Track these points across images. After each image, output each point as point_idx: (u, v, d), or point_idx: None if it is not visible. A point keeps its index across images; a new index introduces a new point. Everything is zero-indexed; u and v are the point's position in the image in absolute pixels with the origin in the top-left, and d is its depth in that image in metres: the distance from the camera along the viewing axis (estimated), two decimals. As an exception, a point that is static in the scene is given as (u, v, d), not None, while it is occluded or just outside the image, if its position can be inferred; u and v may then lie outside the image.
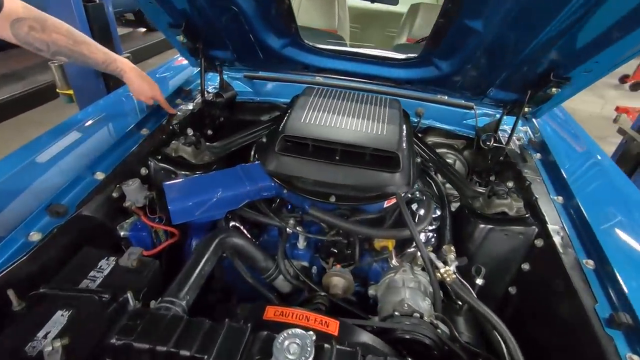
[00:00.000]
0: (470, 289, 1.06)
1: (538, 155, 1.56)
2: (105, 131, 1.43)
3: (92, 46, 1.29)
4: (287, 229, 1.21)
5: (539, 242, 1.18)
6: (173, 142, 1.43)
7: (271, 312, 0.84)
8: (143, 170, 1.32)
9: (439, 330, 0.96)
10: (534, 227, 1.21)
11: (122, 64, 1.38)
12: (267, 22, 1.34)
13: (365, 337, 0.85)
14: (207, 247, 1.03)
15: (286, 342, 0.65)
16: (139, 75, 1.43)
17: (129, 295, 0.91)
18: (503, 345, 0.93)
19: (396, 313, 0.97)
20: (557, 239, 1.13)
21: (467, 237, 1.32)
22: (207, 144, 1.49)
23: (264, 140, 1.48)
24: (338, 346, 0.69)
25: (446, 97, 1.76)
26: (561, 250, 1.09)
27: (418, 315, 0.97)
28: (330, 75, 1.75)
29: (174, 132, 1.50)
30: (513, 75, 1.34)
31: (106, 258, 1.06)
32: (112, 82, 2.87)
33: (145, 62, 6.30)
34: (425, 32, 3.50)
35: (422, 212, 1.28)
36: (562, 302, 1.02)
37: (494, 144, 1.51)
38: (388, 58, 1.53)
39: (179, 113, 1.61)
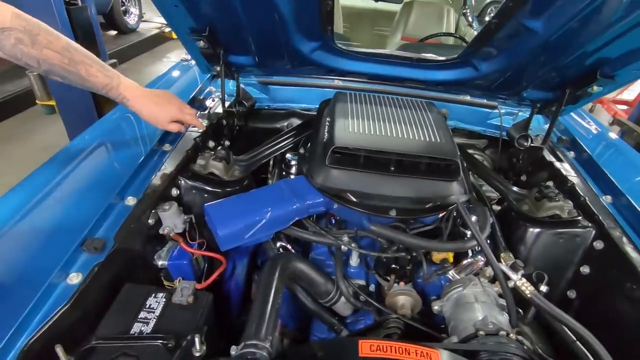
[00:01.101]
0: (546, 301, 1.02)
1: (572, 153, 1.55)
2: (124, 151, 1.29)
3: (93, 67, 1.08)
4: (342, 247, 1.13)
5: (599, 245, 1.16)
6: (200, 157, 1.32)
7: (367, 348, 0.76)
8: (174, 191, 1.19)
9: (525, 347, 0.92)
10: (590, 228, 1.19)
11: (125, 90, 1.15)
12: (303, 26, 1.24)
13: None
14: (272, 277, 0.93)
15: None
16: (147, 100, 1.19)
17: (197, 339, 0.81)
18: None
19: (481, 332, 0.92)
20: (618, 241, 1.11)
21: (517, 242, 1.28)
22: (234, 157, 1.39)
23: (302, 151, 1.39)
24: None
25: (468, 97, 1.72)
26: (629, 253, 1.07)
27: (504, 333, 0.91)
28: (350, 79, 1.68)
29: (197, 145, 1.38)
30: (555, 74, 1.31)
31: (153, 295, 0.95)
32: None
33: (118, 67, 5.97)
34: (420, 31, 3.52)
35: (474, 218, 1.23)
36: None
37: (531, 144, 1.49)
38: (425, 59, 1.47)
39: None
